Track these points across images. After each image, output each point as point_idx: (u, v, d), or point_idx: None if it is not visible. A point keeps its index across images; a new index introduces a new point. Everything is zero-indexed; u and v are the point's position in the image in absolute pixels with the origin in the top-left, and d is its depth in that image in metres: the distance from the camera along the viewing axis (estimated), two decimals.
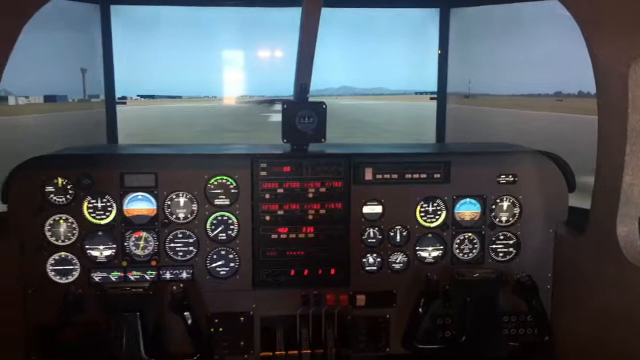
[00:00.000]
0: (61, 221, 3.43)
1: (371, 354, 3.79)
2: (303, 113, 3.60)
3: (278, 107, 3.66)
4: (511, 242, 3.73)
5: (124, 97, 5.68)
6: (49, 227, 3.41)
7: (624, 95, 2.74)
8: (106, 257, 3.48)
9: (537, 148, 3.72)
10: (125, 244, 3.49)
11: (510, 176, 3.69)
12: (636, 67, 2.65)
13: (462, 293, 3.51)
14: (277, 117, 3.66)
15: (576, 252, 3.47)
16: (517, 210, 3.71)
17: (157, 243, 3.52)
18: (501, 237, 3.73)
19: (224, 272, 3.58)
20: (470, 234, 3.72)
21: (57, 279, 3.44)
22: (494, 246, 3.74)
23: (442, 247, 3.71)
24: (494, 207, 3.71)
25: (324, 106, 3.62)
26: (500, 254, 3.74)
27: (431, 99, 5.99)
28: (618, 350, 3.01)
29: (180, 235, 3.53)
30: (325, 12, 3.44)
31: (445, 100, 5.88)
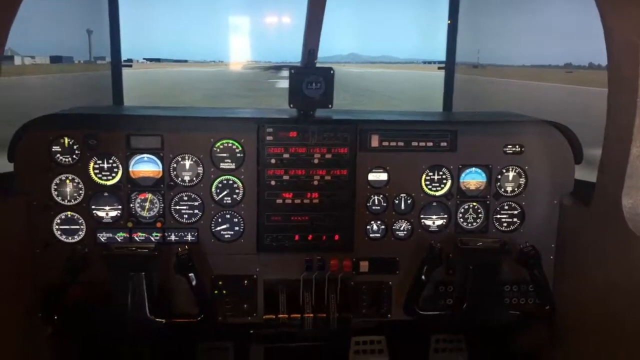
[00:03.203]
0: (67, 181, 3.44)
1: (373, 319, 3.84)
2: (310, 78, 3.56)
3: (285, 73, 3.64)
4: (516, 212, 3.73)
5: (129, 60, 5.63)
6: (55, 187, 3.43)
7: (635, 66, 2.70)
8: (112, 217, 3.51)
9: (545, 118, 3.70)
10: (131, 205, 3.51)
11: (517, 146, 3.67)
12: None
13: (465, 261, 3.52)
14: (284, 84, 3.64)
15: (581, 223, 3.47)
16: (522, 181, 3.70)
17: (162, 205, 3.53)
18: (506, 207, 3.73)
19: (228, 236, 3.61)
20: (474, 204, 3.72)
21: (63, 238, 3.48)
22: (498, 216, 3.74)
23: (446, 216, 3.72)
24: (499, 177, 3.70)
25: (331, 72, 3.59)
26: (505, 224, 3.75)
27: (439, 68, 5.93)
28: (619, 322, 3.04)
29: (185, 198, 3.55)
30: None
31: (453, 70, 5.80)
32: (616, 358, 3.08)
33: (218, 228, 3.60)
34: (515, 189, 3.72)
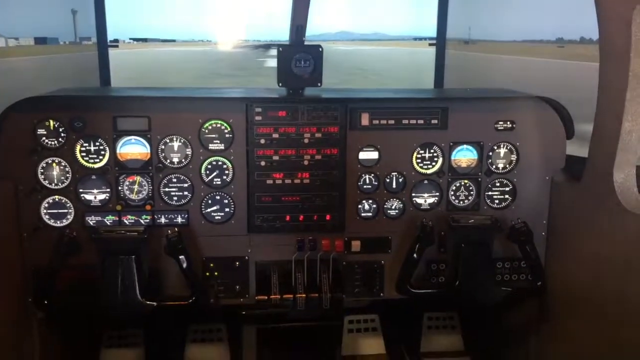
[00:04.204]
0: (54, 164, 3.38)
1: (365, 298, 3.84)
2: (299, 56, 3.51)
3: (274, 52, 3.58)
4: (507, 189, 3.72)
5: (115, 40, 5.52)
6: (41, 170, 3.38)
7: (627, 39, 2.67)
8: (100, 201, 3.46)
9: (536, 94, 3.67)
10: (120, 188, 3.47)
11: (508, 122, 3.64)
12: None
13: (457, 239, 3.52)
14: (273, 62, 3.59)
15: (572, 199, 3.47)
16: (514, 157, 3.68)
17: (151, 187, 3.49)
18: (497, 184, 3.72)
19: (218, 217, 3.58)
20: (466, 181, 3.71)
21: (51, 222, 3.43)
22: (489, 193, 3.73)
23: (437, 194, 3.70)
24: (491, 153, 3.68)
25: (320, 49, 3.53)
26: (496, 201, 3.74)
27: (430, 44, 5.86)
28: (610, 297, 3.05)
29: (174, 180, 3.50)
30: None
31: (444, 46, 5.75)
32: (605, 333, 3.11)
33: (208, 210, 3.56)
34: (507, 166, 3.70)
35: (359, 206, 3.67)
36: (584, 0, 2.91)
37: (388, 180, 3.65)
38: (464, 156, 3.68)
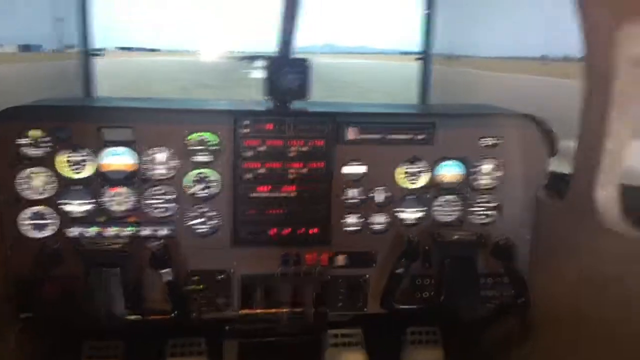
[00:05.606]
0: (36, 175, 3.33)
1: (349, 312, 3.83)
2: (286, 69, 3.51)
3: (259, 64, 3.58)
4: (492, 205, 3.74)
5: (101, 49, 5.48)
6: (24, 181, 3.33)
7: (612, 57, 2.70)
8: (83, 212, 3.41)
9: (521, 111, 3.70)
10: (103, 199, 3.43)
11: (493, 139, 3.67)
12: (628, 26, 2.60)
13: (442, 254, 3.53)
14: (258, 74, 3.58)
15: (555, 216, 3.50)
16: (499, 174, 3.71)
17: (135, 199, 3.45)
18: (482, 200, 3.74)
19: (204, 230, 3.55)
20: (451, 197, 3.72)
21: (33, 233, 3.38)
22: (474, 209, 3.74)
23: (423, 209, 3.71)
24: (476, 169, 3.70)
25: (307, 62, 3.54)
26: (481, 217, 3.75)
27: (416, 59, 5.91)
28: (592, 316, 3.07)
29: (159, 192, 3.47)
30: None
31: (430, 61, 5.81)
32: (584, 351, 3.12)
33: (193, 222, 3.53)
34: (492, 182, 3.72)
35: (344, 220, 3.66)
36: (568, 19, 2.94)
37: (373, 194, 3.65)
38: (449, 172, 3.70)
